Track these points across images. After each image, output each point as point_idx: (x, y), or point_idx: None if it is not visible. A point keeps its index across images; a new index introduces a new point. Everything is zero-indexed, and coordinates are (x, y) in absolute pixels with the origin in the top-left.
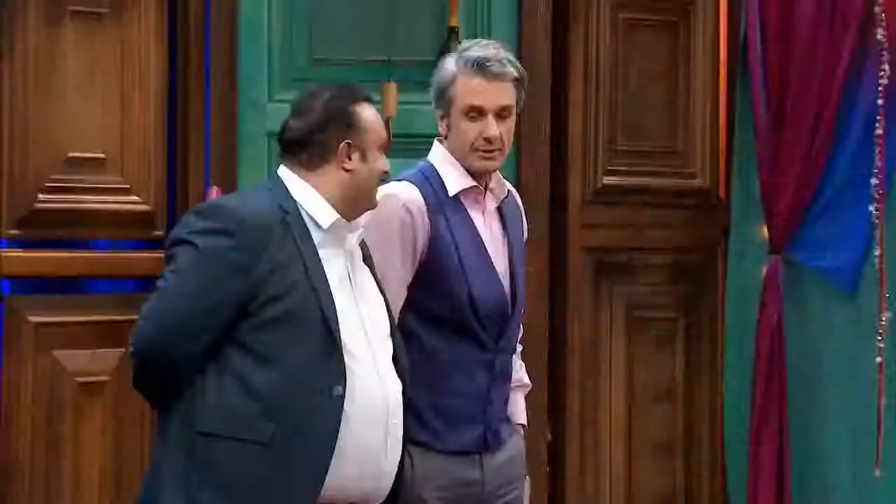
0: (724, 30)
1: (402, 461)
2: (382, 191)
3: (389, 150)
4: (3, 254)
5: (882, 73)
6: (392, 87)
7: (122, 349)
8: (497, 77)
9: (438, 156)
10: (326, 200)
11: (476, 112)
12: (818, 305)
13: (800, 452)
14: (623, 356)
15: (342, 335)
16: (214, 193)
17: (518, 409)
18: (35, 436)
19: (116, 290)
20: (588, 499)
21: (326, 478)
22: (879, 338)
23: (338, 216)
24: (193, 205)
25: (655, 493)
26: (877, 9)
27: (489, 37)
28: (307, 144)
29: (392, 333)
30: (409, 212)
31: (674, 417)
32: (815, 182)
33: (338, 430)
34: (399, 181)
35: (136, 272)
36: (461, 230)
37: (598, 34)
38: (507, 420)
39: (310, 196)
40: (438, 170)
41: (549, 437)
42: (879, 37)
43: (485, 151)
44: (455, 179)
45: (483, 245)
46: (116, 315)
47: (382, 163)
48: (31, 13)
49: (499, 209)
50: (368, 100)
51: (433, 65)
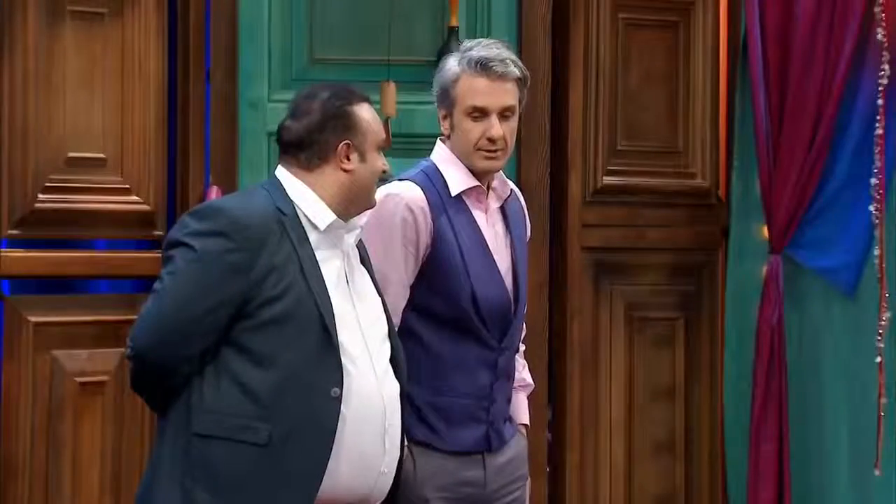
0: (724, 30)
1: (404, 461)
2: (385, 190)
3: (389, 150)
4: (3, 254)
5: (882, 73)
6: (391, 87)
7: (122, 349)
8: (501, 77)
9: (441, 155)
10: (324, 201)
11: (479, 112)
12: (818, 305)
13: (800, 452)
14: (623, 356)
15: (339, 336)
16: (214, 193)
17: (520, 409)
18: (35, 436)
19: (116, 290)
20: (588, 499)
21: (323, 478)
22: (879, 338)
23: (335, 217)
24: (193, 205)
25: (655, 493)
26: (877, 9)
27: (489, 37)
28: (305, 145)
29: (390, 334)
30: (412, 211)
31: (674, 417)
32: (815, 182)
33: (335, 431)
34: (401, 181)
35: (136, 272)
36: (464, 230)
37: (598, 34)
38: (510, 420)
39: (307, 197)
40: (441, 169)
41: (549, 437)
42: (879, 37)
43: (488, 151)
44: (458, 179)
45: (485, 244)
46: (116, 315)
47: (381, 162)
48: (31, 13)
49: (501, 208)
50: (366, 100)
51: (433, 65)
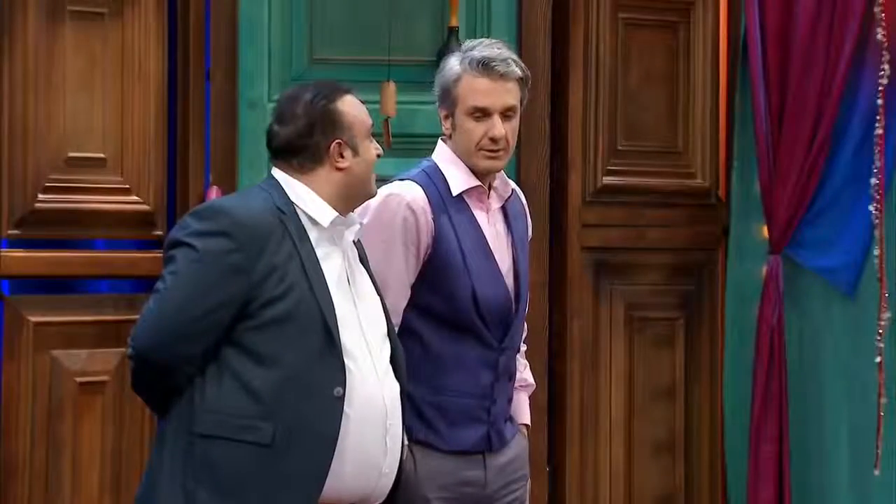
0: (724, 30)
1: (405, 461)
2: (386, 190)
3: (389, 150)
4: (3, 254)
5: (882, 73)
6: (391, 87)
7: (122, 349)
8: (502, 77)
9: (442, 155)
10: (324, 199)
11: (481, 112)
12: (818, 305)
13: (799, 452)
14: (623, 356)
15: (341, 335)
16: (214, 193)
17: (521, 409)
18: (35, 435)
19: (116, 290)
20: (588, 499)
21: (327, 479)
22: (879, 338)
23: (336, 214)
24: (193, 205)
25: (655, 493)
26: (877, 9)
27: (489, 37)
28: (297, 151)
29: (390, 334)
30: (413, 211)
31: (674, 417)
32: (815, 182)
33: (339, 432)
34: (402, 180)
35: (136, 272)
36: (465, 229)
37: (598, 34)
38: (511, 420)
39: (307, 196)
40: (442, 169)
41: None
42: (879, 37)
43: (490, 151)
44: (459, 179)
45: (487, 244)
46: (116, 315)
47: (374, 147)
48: (31, 13)
49: (503, 208)
50: (349, 91)
51: (433, 65)
